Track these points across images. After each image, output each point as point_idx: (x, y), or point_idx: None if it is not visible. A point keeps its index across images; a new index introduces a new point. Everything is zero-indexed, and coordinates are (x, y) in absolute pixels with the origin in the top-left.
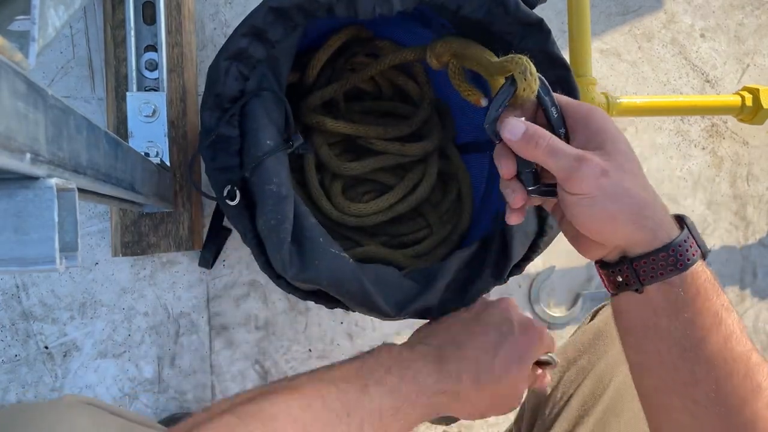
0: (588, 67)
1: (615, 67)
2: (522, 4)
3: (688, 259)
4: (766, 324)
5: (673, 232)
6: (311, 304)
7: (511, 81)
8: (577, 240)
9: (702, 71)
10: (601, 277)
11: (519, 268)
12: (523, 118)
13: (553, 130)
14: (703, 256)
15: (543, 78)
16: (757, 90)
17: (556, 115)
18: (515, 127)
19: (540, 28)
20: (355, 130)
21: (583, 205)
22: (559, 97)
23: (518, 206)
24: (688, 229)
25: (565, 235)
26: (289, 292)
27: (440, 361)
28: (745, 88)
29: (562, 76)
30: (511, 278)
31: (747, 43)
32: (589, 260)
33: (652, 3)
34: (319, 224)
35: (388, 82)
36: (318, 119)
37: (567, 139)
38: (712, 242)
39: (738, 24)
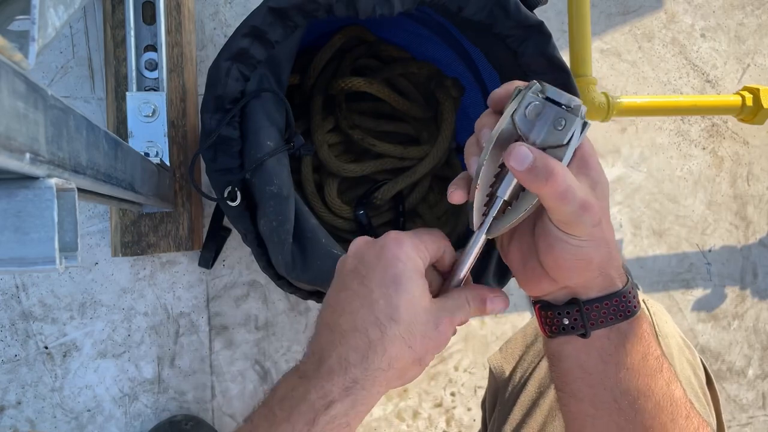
0: (588, 66)
1: (615, 66)
2: (522, 6)
3: (635, 306)
4: (766, 324)
5: (623, 278)
6: (312, 304)
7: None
8: (526, 271)
9: (702, 71)
10: (539, 317)
11: None
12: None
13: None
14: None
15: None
16: (758, 90)
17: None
18: (523, 157)
19: (540, 31)
20: (387, 96)
21: (571, 243)
22: None
23: (456, 201)
24: (629, 276)
25: (508, 259)
26: (290, 293)
27: (319, 364)
28: (745, 88)
29: (561, 80)
30: (512, 278)
31: (747, 42)
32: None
33: (652, 3)
34: (320, 225)
35: (390, 85)
36: (352, 82)
37: None
38: (712, 242)
39: (738, 24)
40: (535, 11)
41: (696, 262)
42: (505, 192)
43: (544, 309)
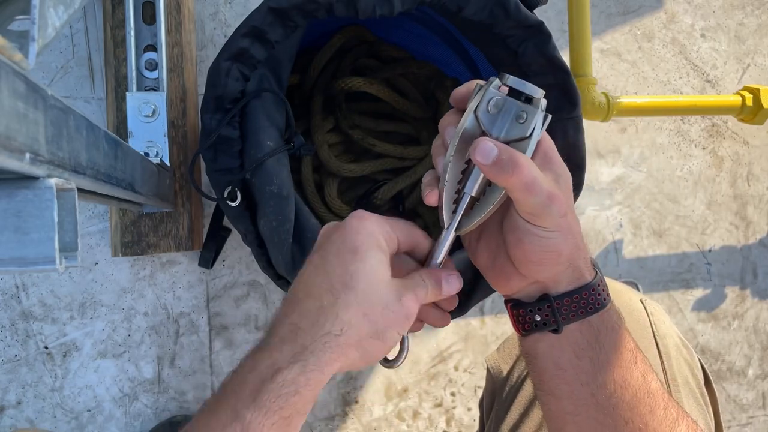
0: (588, 66)
1: (615, 66)
2: (522, 6)
3: (605, 299)
4: (766, 324)
5: (591, 271)
6: None
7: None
8: (495, 269)
9: (702, 71)
10: (512, 316)
11: None
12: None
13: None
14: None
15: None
16: (758, 90)
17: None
18: (488, 150)
19: (540, 31)
20: (387, 96)
21: (539, 235)
22: None
23: (430, 203)
24: (598, 270)
25: (477, 258)
26: None
27: (271, 335)
28: (745, 88)
29: (561, 80)
30: None
31: (747, 42)
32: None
33: (652, 3)
34: (321, 225)
35: (390, 85)
36: (352, 82)
37: None
38: (712, 242)
39: (738, 24)
40: (535, 11)
41: (696, 262)
42: (472, 188)
43: (515, 307)
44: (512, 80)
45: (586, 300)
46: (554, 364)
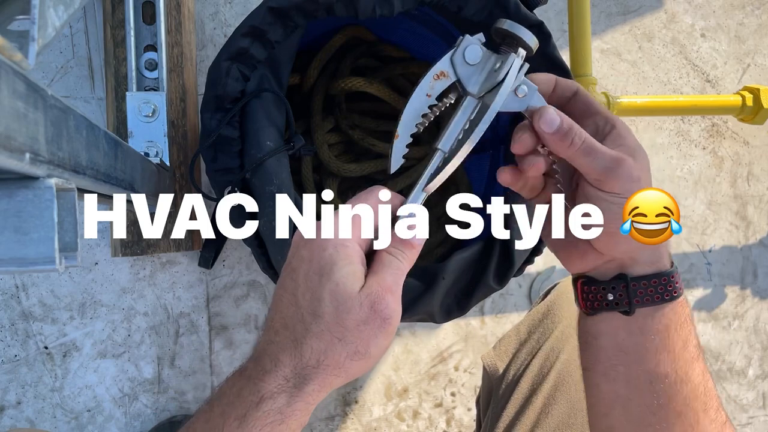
0: (588, 66)
1: (615, 66)
2: (522, 6)
3: (681, 289)
4: (766, 324)
5: (670, 257)
6: None
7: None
8: (569, 246)
9: (702, 71)
10: (581, 293)
11: (520, 270)
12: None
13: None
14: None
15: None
16: (758, 90)
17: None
18: (551, 119)
19: (540, 31)
20: (387, 96)
21: (613, 202)
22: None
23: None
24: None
25: (549, 239)
26: None
27: (256, 363)
28: (745, 88)
29: None
30: (512, 279)
31: (747, 42)
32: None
33: (652, 3)
34: None
35: (390, 85)
36: (352, 82)
37: None
38: (712, 242)
39: (738, 24)
40: (535, 11)
41: (696, 262)
42: (447, 146)
43: (587, 284)
44: (508, 23)
45: (664, 286)
46: (617, 345)
